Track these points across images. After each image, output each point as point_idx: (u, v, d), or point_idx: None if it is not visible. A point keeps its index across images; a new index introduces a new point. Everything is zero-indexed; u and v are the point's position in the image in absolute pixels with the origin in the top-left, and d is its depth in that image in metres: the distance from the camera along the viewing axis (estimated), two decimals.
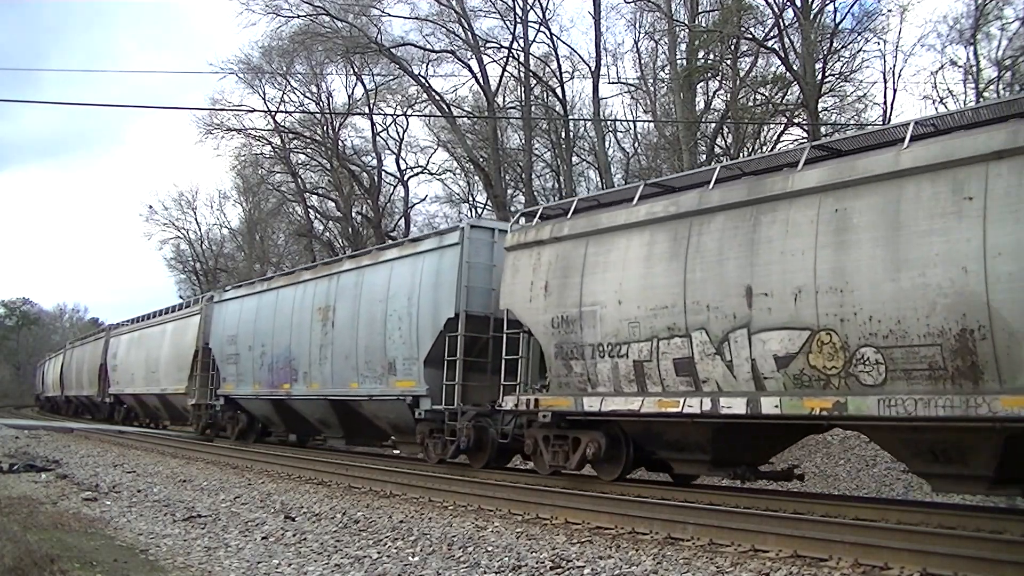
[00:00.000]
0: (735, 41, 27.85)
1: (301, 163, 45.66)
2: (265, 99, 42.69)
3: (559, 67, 33.72)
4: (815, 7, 26.78)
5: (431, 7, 34.28)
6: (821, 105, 27.35)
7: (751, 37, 27.74)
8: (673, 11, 28.60)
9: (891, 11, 32.21)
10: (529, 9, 32.64)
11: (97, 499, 11.88)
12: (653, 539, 8.35)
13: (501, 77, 34.80)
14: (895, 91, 29.14)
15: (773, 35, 27.41)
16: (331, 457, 17.78)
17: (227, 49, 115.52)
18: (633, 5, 31.45)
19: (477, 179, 38.69)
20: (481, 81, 33.71)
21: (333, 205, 46.37)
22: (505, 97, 37.14)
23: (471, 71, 33.95)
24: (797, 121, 28.59)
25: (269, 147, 44.59)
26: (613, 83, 36.54)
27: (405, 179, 43.91)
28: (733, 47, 28.25)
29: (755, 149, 28.32)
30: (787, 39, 26.87)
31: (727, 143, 29.63)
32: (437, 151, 42.84)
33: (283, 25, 35.49)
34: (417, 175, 44.34)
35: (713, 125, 29.89)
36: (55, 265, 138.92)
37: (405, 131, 43.15)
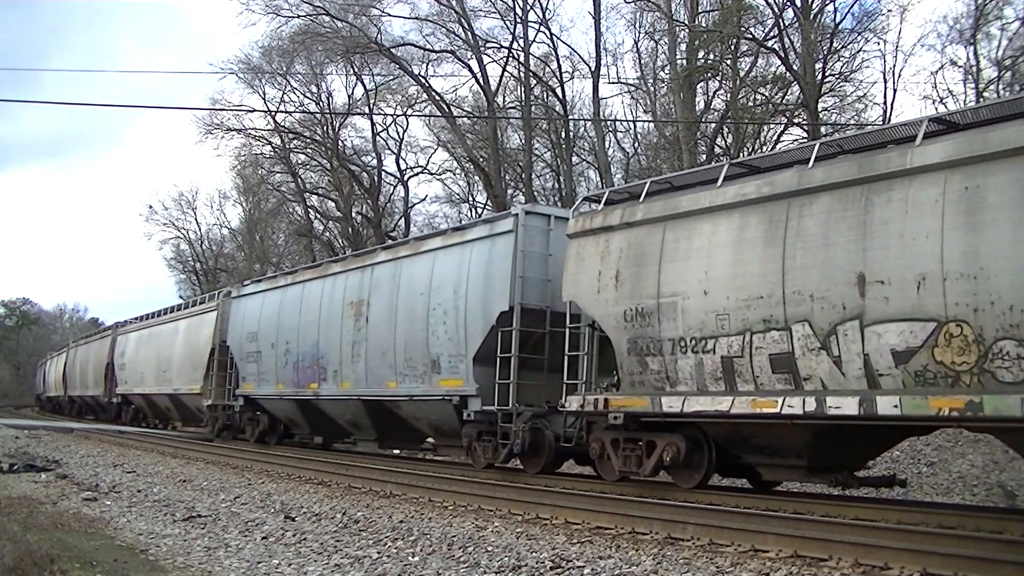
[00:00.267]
0: (735, 41, 27.86)
1: (301, 163, 45.73)
2: (265, 99, 42.78)
3: (559, 67, 33.79)
4: (815, 7, 26.82)
5: (431, 7, 34.36)
6: (821, 105, 27.37)
7: (751, 37, 27.75)
8: (673, 11, 28.62)
9: (891, 11, 32.20)
10: (529, 9, 32.69)
11: (97, 499, 11.88)
12: (653, 539, 8.35)
13: (501, 77, 34.86)
14: (895, 91, 29.19)
15: (773, 35, 27.45)
16: (331, 457, 17.76)
17: (227, 49, 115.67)
18: (633, 5, 31.50)
19: (477, 179, 38.72)
20: (481, 81, 33.75)
21: (333, 205, 46.42)
22: (505, 97, 37.21)
23: (471, 71, 33.99)
24: (797, 121, 28.62)
25: (269, 147, 44.67)
26: (613, 83, 36.62)
27: (405, 179, 43.99)
28: (733, 47, 28.26)
29: (755, 149, 28.32)
30: (787, 39, 26.90)
31: (727, 143, 29.65)
32: (437, 151, 42.95)
33: (283, 25, 35.58)
34: (417, 175, 44.44)
35: (713, 125, 29.91)
36: (55, 265, 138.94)
37: (405, 131, 43.26)
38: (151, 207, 62.89)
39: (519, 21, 32.61)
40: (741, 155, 25.92)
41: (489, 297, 13.52)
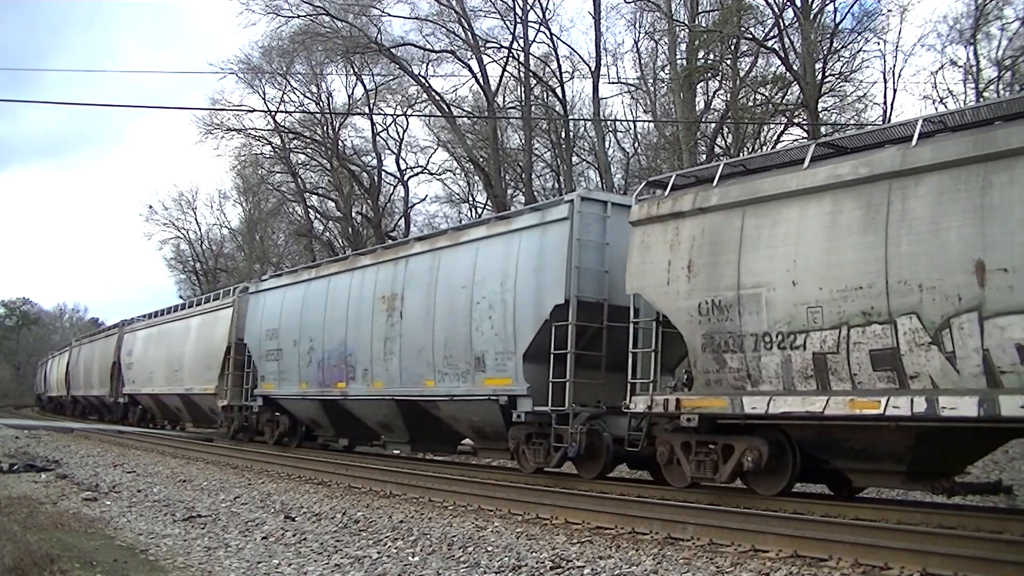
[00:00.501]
0: (735, 41, 27.88)
1: (301, 163, 45.77)
2: (265, 99, 42.82)
3: (559, 67, 33.83)
4: (815, 7, 26.86)
5: (431, 7, 34.40)
6: (821, 105, 27.40)
7: (751, 37, 27.78)
8: (673, 11, 28.65)
9: (891, 11, 32.29)
10: (529, 9, 32.74)
11: (97, 499, 11.88)
12: (653, 539, 8.35)
13: (501, 77, 34.90)
14: (895, 91, 29.26)
15: (773, 35, 27.48)
16: (331, 457, 17.73)
17: (227, 49, 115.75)
18: (633, 5, 31.55)
19: (477, 179, 38.75)
20: (481, 81, 33.78)
21: (333, 205, 46.46)
22: (505, 97, 37.25)
23: (471, 71, 34.02)
24: (797, 121, 28.64)
25: (269, 147, 44.72)
26: (613, 83, 36.64)
27: (405, 179, 44.04)
28: (733, 47, 28.29)
29: (755, 149, 28.35)
30: (787, 39, 26.93)
31: (727, 143, 29.66)
32: (437, 151, 43.01)
33: (283, 25, 35.63)
34: (417, 175, 44.51)
35: (713, 125, 29.92)
36: (55, 265, 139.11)
37: (405, 131, 43.33)
38: (151, 207, 63.06)
39: (519, 21, 32.68)
40: (741, 155, 25.93)
41: (541, 290, 12.70)
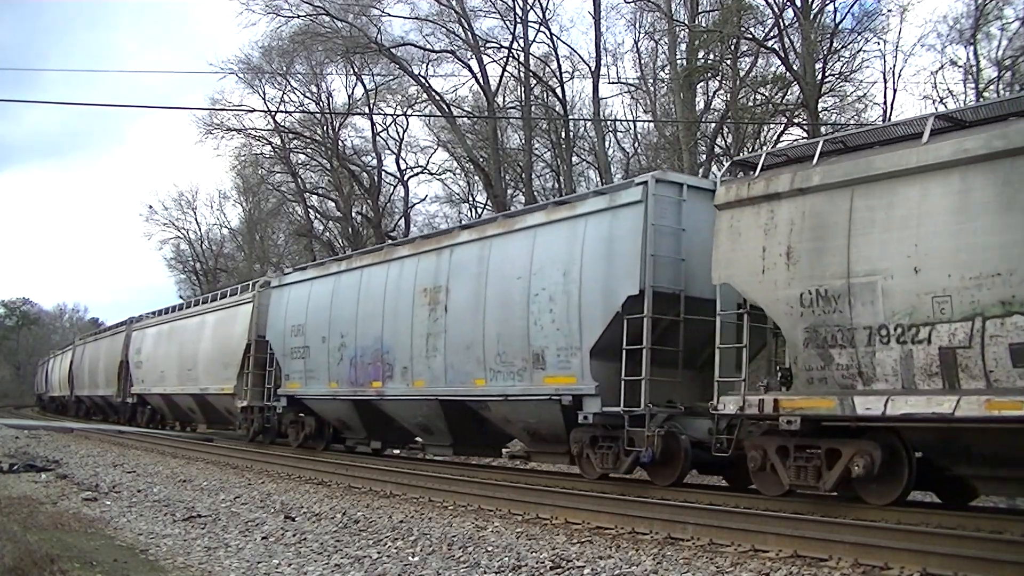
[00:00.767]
0: (735, 41, 27.90)
1: (301, 163, 45.81)
2: (265, 99, 42.86)
3: (559, 67, 33.87)
4: (815, 7, 26.89)
5: (431, 7, 34.44)
6: (821, 105, 27.42)
7: (751, 37, 27.79)
8: (673, 11, 28.69)
9: (891, 11, 32.19)
10: (529, 9, 32.78)
11: (97, 499, 11.88)
12: (653, 539, 8.35)
13: (501, 77, 34.94)
14: (895, 91, 29.25)
15: (773, 35, 27.50)
16: (331, 457, 17.74)
17: (227, 49, 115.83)
18: (633, 5, 31.59)
19: (477, 179, 38.77)
20: (481, 81, 33.81)
21: (333, 205, 46.50)
22: (505, 97, 37.29)
23: (471, 71, 34.05)
24: (797, 121, 28.65)
25: (269, 147, 44.77)
26: (613, 83, 36.65)
27: (405, 179, 44.07)
28: (733, 47, 28.31)
29: (755, 149, 28.36)
30: (787, 39, 26.96)
31: (727, 143, 29.68)
32: (437, 151, 43.05)
33: (283, 25, 35.68)
34: (417, 175, 44.55)
35: (713, 125, 29.93)
36: (55, 265, 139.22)
37: (405, 131, 43.38)
38: (151, 207, 63.02)
39: (519, 21, 32.72)
40: (741, 155, 25.92)
41: (612, 280, 11.82)
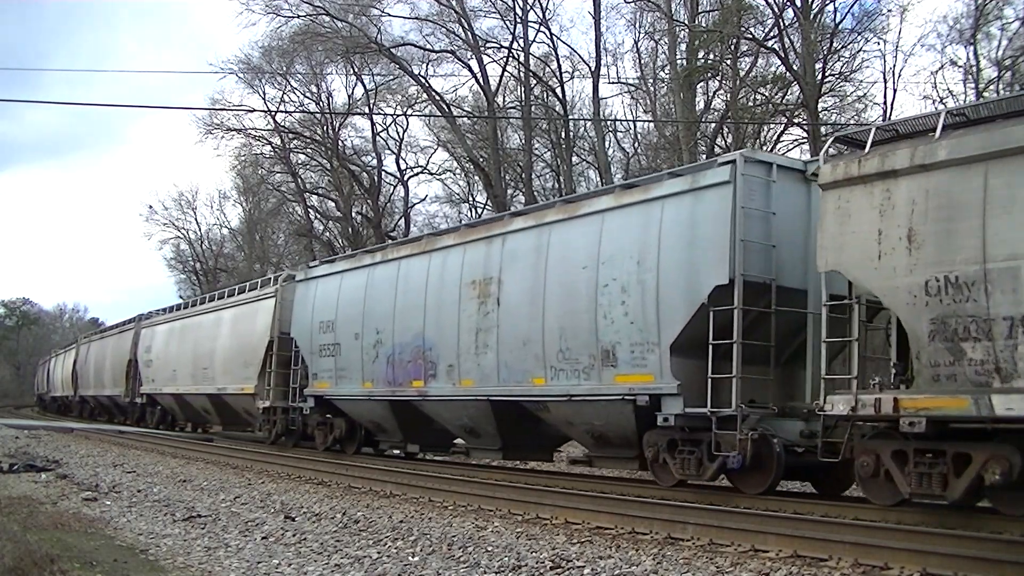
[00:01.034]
0: (735, 41, 27.91)
1: (301, 163, 45.83)
2: (265, 99, 42.86)
3: (559, 67, 33.89)
4: (815, 7, 26.89)
5: (431, 7, 34.46)
6: (821, 105, 27.43)
7: (751, 37, 27.81)
8: (673, 11, 28.71)
9: (891, 11, 32.20)
10: (529, 9, 32.81)
11: (97, 499, 11.88)
12: (653, 539, 8.35)
13: (501, 77, 34.96)
14: (895, 91, 29.26)
15: (773, 35, 27.52)
16: (331, 457, 17.72)
17: (227, 49, 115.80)
18: (633, 5, 31.62)
19: (477, 179, 38.77)
20: (481, 81, 33.83)
21: (333, 205, 46.51)
22: (505, 97, 37.30)
23: (471, 71, 34.07)
24: (797, 121, 28.66)
25: (269, 147, 44.78)
26: (613, 83, 36.68)
27: (405, 179, 44.09)
28: (733, 47, 28.32)
29: (754, 149, 28.38)
30: (787, 39, 26.97)
31: (727, 143, 29.68)
32: (437, 151, 43.07)
33: (283, 25, 35.70)
34: (417, 175, 44.57)
35: (713, 125, 29.95)
36: (55, 265, 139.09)
37: (405, 131, 43.40)
38: (151, 207, 63.01)
39: (519, 21, 32.74)
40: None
41: (695, 268, 10.90)
